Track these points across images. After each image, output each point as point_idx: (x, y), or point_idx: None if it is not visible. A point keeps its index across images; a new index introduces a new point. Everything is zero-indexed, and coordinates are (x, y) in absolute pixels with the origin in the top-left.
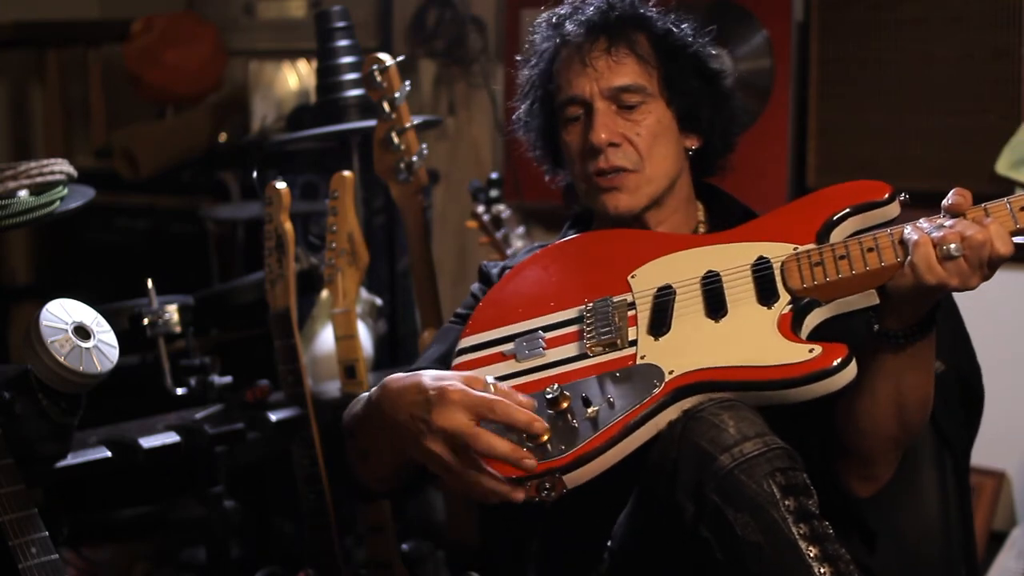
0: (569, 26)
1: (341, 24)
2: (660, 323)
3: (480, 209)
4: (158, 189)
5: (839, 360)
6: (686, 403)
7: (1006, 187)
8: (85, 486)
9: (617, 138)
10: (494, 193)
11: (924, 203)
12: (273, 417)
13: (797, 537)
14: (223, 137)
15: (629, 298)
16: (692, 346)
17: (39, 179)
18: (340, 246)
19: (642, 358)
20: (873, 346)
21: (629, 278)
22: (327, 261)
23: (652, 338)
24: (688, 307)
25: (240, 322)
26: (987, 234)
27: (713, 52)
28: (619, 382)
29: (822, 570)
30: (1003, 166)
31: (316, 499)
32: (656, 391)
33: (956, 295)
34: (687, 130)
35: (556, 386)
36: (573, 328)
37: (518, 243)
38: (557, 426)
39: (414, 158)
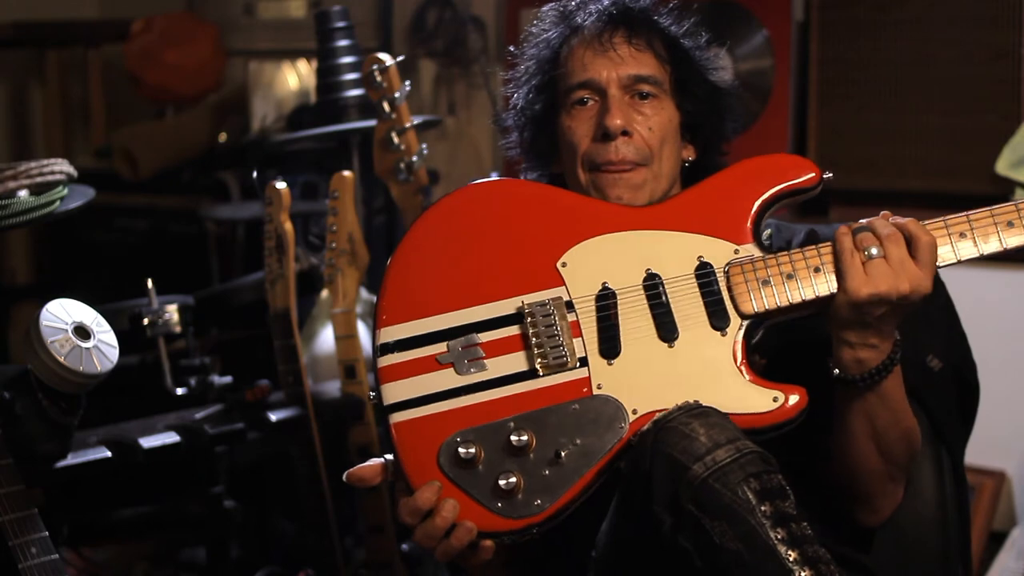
0: (582, 17)
1: (341, 24)
2: (610, 343)
3: None
4: (158, 189)
5: (800, 410)
6: None
7: (1006, 187)
8: (85, 486)
9: (631, 127)
10: None
11: (924, 203)
12: (273, 417)
13: (776, 542)
14: (223, 137)
15: (565, 295)
16: (650, 377)
17: (39, 179)
18: (340, 246)
19: (599, 387)
20: (839, 395)
21: (559, 266)
22: (327, 261)
23: (605, 361)
24: (636, 324)
25: (240, 322)
26: (893, 227)
27: (721, 65)
28: (582, 421)
29: (803, 574)
30: (1003, 166)
31: (316, 499)
32: (623, 434)
33: (957, 293)
34: (685, 140)
35: (522, 431)
36: (512, 331)
37: None
38: (527, 475)
39: (414, 158)
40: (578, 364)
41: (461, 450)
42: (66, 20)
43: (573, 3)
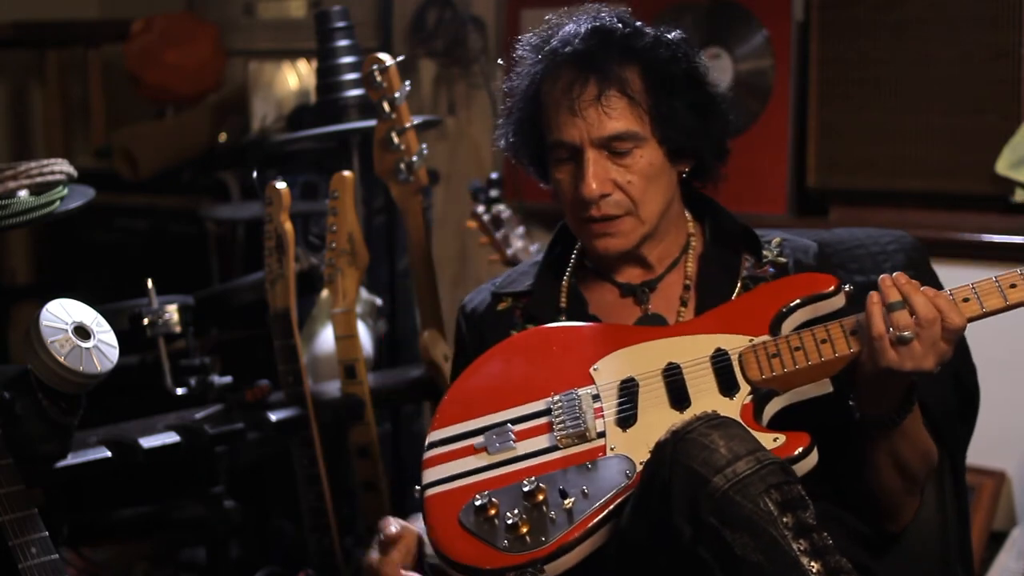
0: (558, 55)
1: (341, 24)
2: (627, 415)
3: (480, 209)
4: (158, 189)
5: (802, 449)
6: None
7: (1006, 187)
8: (85, 486)
9: (608, 187)
10: (494, 193)
11: (924, 203)
12: (273, 417)
13: (798, 553)
14: (223, 137)
15: (594, 390)
16: (659, 435)
17: (39, 179)
18: (340, 246)
19: (612, 449)
20: (860, 431)
21: (591, 370)
22: (327, 261)
23: (620, 430)
24: (652, 399)
25: (240, 322)
26: (936, 312)
27: (705, 70)
28: (592, 473)
29: None
30: (1003, 166)
31: (316, 499)
32: (628, 481)
33: None
34: (678, 158)
35: (533, 479)
36: (542, 420)
37: (518, 243)
38: (534, 518)
39: (414, 158)
40: (596, 436)
41: (477, 501)
42: (66, 20)
43: (554, 33)
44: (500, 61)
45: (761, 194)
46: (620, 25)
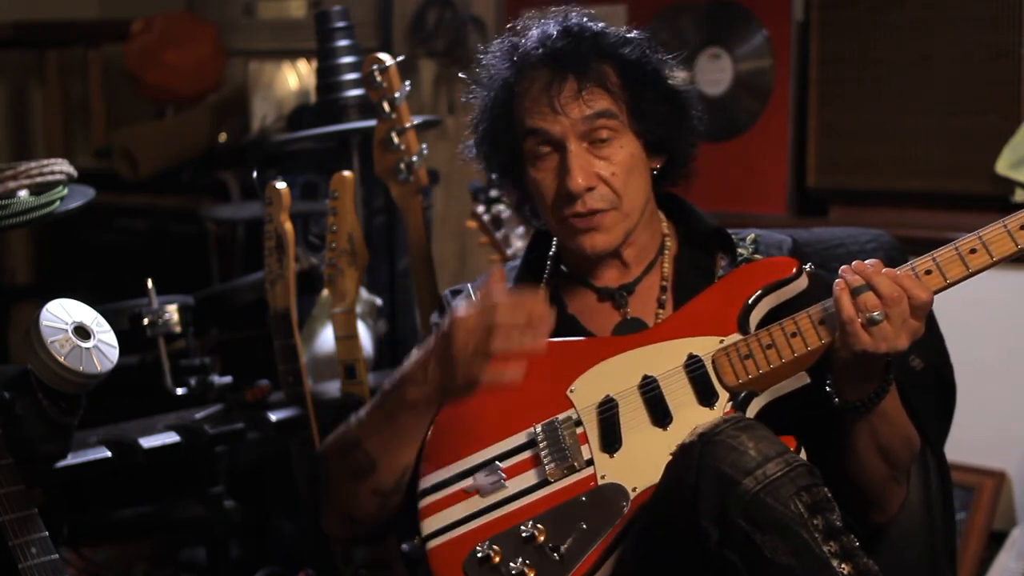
0: (532, 56)
1: (341, 24)
2: (611, 439)
3: (480, 209)
4: (158, 189)
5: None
6: None
7: (1006, 187)
8: (85, 486)
9: (593, 181)
10: (494, 193)
11: (924, 203)
12: (273, 417)
13: (828, 556)
14: (223, 137)
15: (574, 415)
16: (647, 458)
17: (39, 179)
18: (340, 246)
19: (603, 478)
20: (841, 417)
21: (568, 392)
22: (327, 261)
23: (607, 455)
24: (634, 418)
25: (240, 322)
26: (901, 290)
27: (675, 68)
28: (588, 507)
29: None
30: (1003, 166)
31: (316, 499)
32: (625, 511)
33: (956, 293)
34: (652, 153)
35: (530, 522)
36: (528, 453)
37: (518, 243)
38: (539, 562)
39: (414, 158)
40: (585, 465)
41: (479, 553)
42: (66, 20)
43: (523, 38)
44: (461, 75)
45: (761, 194)
46: (590, 25)
